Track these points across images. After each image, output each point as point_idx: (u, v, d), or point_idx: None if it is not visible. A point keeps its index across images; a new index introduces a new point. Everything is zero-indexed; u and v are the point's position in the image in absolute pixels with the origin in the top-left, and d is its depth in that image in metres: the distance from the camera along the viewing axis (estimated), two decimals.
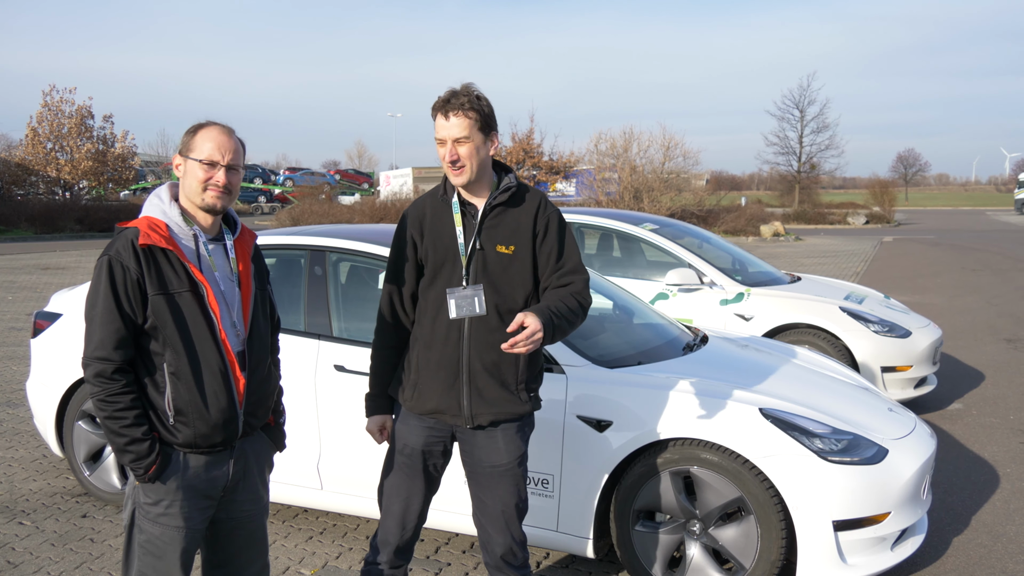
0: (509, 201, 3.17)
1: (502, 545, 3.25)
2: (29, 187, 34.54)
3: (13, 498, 5.19)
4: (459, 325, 3.12)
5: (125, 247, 2.61)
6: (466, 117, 3.05)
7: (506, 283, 3.14)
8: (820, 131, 53.36)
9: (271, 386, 2.94)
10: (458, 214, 3.16)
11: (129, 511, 2.72)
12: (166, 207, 2.72)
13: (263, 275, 2.95)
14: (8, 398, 7.57)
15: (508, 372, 3.15)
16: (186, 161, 2.72)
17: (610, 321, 5.23)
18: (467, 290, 3.10)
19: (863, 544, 3.73)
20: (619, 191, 30.18)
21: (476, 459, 3.22)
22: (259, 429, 2.92)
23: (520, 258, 3.15)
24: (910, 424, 4.27)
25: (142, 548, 2.69)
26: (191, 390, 2.64)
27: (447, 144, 3.07)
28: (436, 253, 3.16)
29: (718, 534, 3.81)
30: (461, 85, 3.10)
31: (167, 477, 2.66)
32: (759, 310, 7.18)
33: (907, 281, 16.41)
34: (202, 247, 2.73)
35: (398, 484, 3.26)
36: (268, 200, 46.72)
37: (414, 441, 3.22)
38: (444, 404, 3.16)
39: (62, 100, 34.39)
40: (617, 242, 8.39)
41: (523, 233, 3.16)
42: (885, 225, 39.39)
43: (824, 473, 3.66)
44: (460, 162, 3.06)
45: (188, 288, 2.65)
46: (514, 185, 3.19)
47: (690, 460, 3.79)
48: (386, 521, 3.29)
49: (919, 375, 7.00)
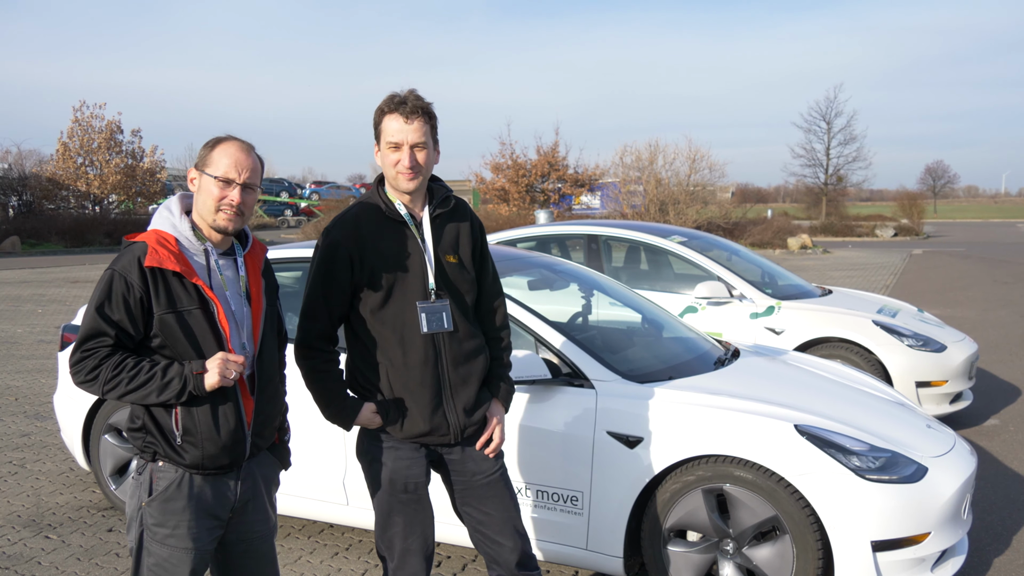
0: (448, 211, 3.12)
1: (515, 551, 3.13)
2: (60, 201, 34.91)
3: (40, 512, 5.18)
4: (433, 342, 3.00)
5: (131, 263, 2.54)
6: (426, 123, 2.96)
7: (459, 292, 3.09)
8: (847, 143, 52.95)
9: (278, 406, 2.88)
10: (412, 226, 3.04)
11: (136, 534, 2.66)
12: (176, 220, 2.66)
13: (273, 290, 2.88)
14: (37, 411, 7.59)
15: (478, 381, 3.12)
16: (201, 176, 2.65)
17: (640, 335, 5.16)
18: (436, 304, 3.01)
19: (902, 565, 3.62)
20: (644, 204, 30.05)
21: (470, 472, 3.12)
22: (265, 449, 2.86)
23: (465, 266, 3.11)
24: (950, 441, 4.16)
25: (151, 572, 2.64)
26: (201, 410, 2.59)
27: (403, 149, 2.94)
28: (387, 270, 2.99)
29: (752, 554, 3.72)
30: (407, 90, 2.99)
31: (173, 499, 2.61)
32: (790, 324, 7.07)
33: (937, 294, 16.17)
34: (213, 263, 2.66)
35: (410, 523, 3.07)
36: (294, 214, 47.00)
37: (419, 474, 3.07)
38: (434, 424, 3.02)
39: (92, 115, 34.75)
40: (645, 255, 8.30)
41: (464, 242, 3.12)
42: (914, 238, 38.97)
43: (862, 492, 3.56)
44: (418, 168, 2.96)
45: (198, 305, 2.59)
46: (452, 194, 3.15)
47: (723, 477, 3.70)
48: (411, 561, 3.08)
49: (955, 390, 6.86)
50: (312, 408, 4.34)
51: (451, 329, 3.02)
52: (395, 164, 2.95)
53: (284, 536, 4.79)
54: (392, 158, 2.96)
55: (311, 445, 4.36)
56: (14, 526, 4.95)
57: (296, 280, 5.24)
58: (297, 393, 3.22)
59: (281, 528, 4.88)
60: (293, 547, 4.66)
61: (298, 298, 5.12)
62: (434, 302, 3.00)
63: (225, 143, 2.67)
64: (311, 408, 4.36)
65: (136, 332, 2.55)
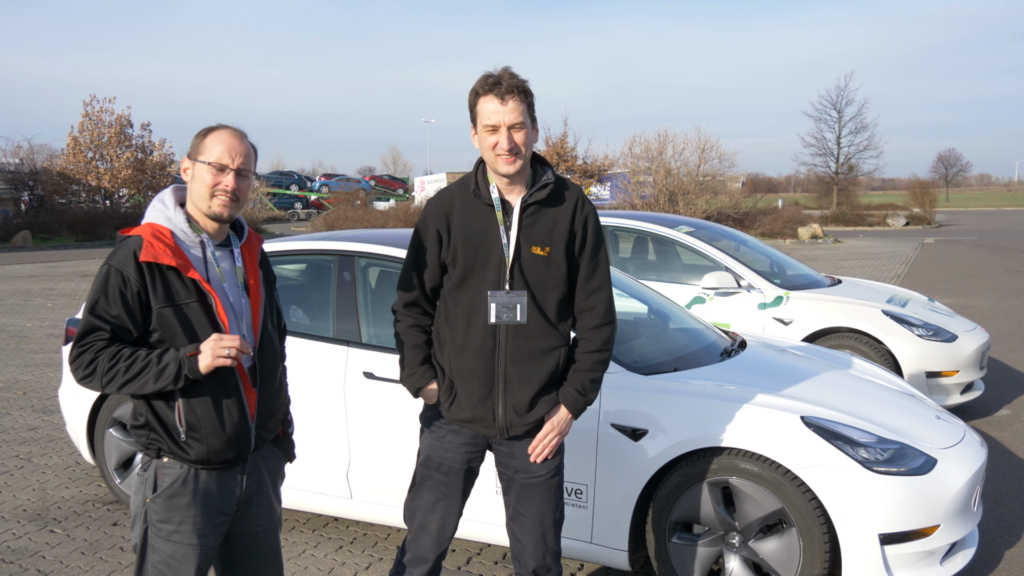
0: (547, 198, 2.95)
1: (536, 558, 3.11)
2: (71, 196, 35.02)
3: (45, 506, 5.18)
4: (494, 333, 2.93)
5: (127, 258, 2.51)
6: (522, 101, 2.84)
7: (540, 287, 2.95)
8: (858, 132, 52.63)
9: (282, 397, 2.84)
10: (500, 212, 2.92)
11: (140, 530, 2.63)
12: (170, 212, 2.62)
13: (270, 281, 2.85)
14: (44, 405, 7.60)
15: (541, 381, 2.98)
16: (194, 164, 2.61)
17: (645, 326, 5.11)
18: (511, 295, 2.91)
19: (911, 558, 3.58)
20: (654, 194, 29.98)
21: (513, 470, 3.07)
22: (269, 442, 2.83)
23: (555, 260, 2.94)
24: (959, 432, 4.10)
25: (155, 568, 2.61)
26: (203, 405, 2.56)
27: (501, 131, 2.83)
28: (467, 253, 2.93)
29: (758, 547, 3.67)
30: (501, 68, 2.87)
31: (178, 495, 2.59)
32: (799, 314, 7.01)
33: (949, 283, 16.05)
34: (209, 255, 2.62)
35: (434, 502, 3.10)
36: (304, 207, 47.05)
37: (453, 459, 3.06)
38: (478, 414, 2.99)
39: (102, 110, 34.81)
40: (652, 245, 8.25)
41: (559, 234, 2.94)
42: (926, 226, 38.75)
43: (869, 484, 3.51)
44: (517, 150, 2.84)
45: (196, 299, 2.55)
46: (552, 181, 2.96)
47: (728, 470, 3.66)
48: (421, 539, 3.12)
49: (966, 380, 6.79)
50: (315, 402, 4.34)
51: (523, 322, 2.92)
52: (493, 147, 2.85)
53: (288, 529, 4.77)
54: (490, 141, 2.85)
55: (314, 438, 4.34)
56: (19, 520, 4.95)
57: (300, 272, 5.21)
58: (300, 386, 3.19)
59: (286, 521, 4.86)
60: (298, 540, 4.64)
61: (301, 290, 5.14)
62: (508, 293, 2.92)
63: (217, 131, 2.63)
64: (314, 402, 4.36)
65: (135, 327, 2.52)
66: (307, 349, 4.45)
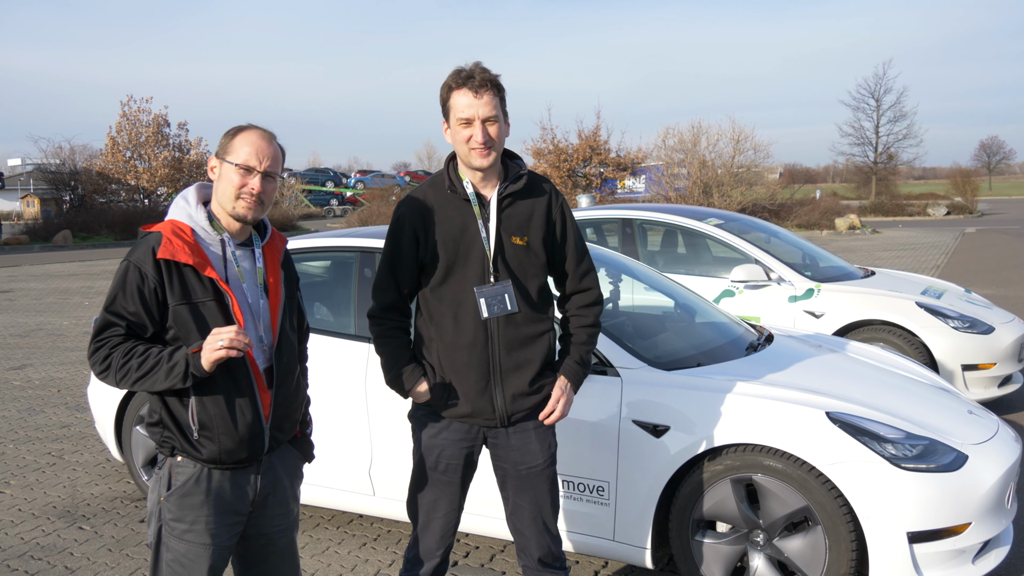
0: (522, 190, 3.00)
1: (541, 547, 3.14)
2: (110, 195, 35.51)
3: (75, 502, 5.24)
4: (486, 325, 2.96)
5: (146, 254, 2.52)
6: (495, 95, 2.88)
7: (523, 275, 3.00)
8: (897, 120, 51.56)
9: (299, 399, 2.82)
10: (477, 207, 2.97)
11: (155, 528, 2.63)
12: (192, 210, 2.61)
13: (293, 282, 2.82)
14: (78, 402, 7.70)
15: (536, 366, 3.03)
16: (222, 164, 2.61)
17: (670, 320, 5.05)
18: (496, 287, 2.95)
19: (941, 557, 3.49)
20: (688, 186, 29.71)
21: (511, 462, 3.09)
22: (286, 442, 2.81)
23: (533, 249, 3.01)
24: (992, 427, 3.99)
25: (169, 567, 2.61)
26: (216, 404, 2.55)
27: (475, 124, 2.86)
28: (447, 249, 2.96)
29: (783, 545, 3.60)
30: (473, 63, 2.91)
31: (191, 494, 2.58)
32: (830, 307, 6.88)
33: (990, 274, 15.73)
34: (229, 254, 2.61)
35: (435, 500, 3.12)
36: (340, 203, 47.31)
37: (452, 455, 3.07)
38: (478, 407, 3.01)
39: (139, 109, 35.22)
40: (681, 238, 8.15)
41: (536, 223, 3.01)
42: (967, 216, 38.03)
43: (897, 481, 3.43)
44: (491, 143, 2.88)
45: (212, 297, 2.54)
46: (525, 172, 3.03)
47: (752, 467, 3.59)
48: (426, 538, 3.15)
49: (1003, 373, 6.63)
50: (337, 400, 4.34)
51: (515, 311, 2.96)
52: (467, 140, 2.89)
53: (313, 526, 4.78)
54: (463, 134, 2.90)
55: (337, 436, 4.33)
56: (49, 517, 5.00)
57: (325, 269, 5.22)
58: (321, 383, 3.18)
59: (310, 519, 4.87)
60: (322, 537, 4.65)
61: (326, 287, 5.14)
62: (494, 285, 2.95)
63: (246, 131, 2.63)
64: (336, 400, 4.35)
65: (152, 323, 2.52)
66: (329, 346, 4.44)
